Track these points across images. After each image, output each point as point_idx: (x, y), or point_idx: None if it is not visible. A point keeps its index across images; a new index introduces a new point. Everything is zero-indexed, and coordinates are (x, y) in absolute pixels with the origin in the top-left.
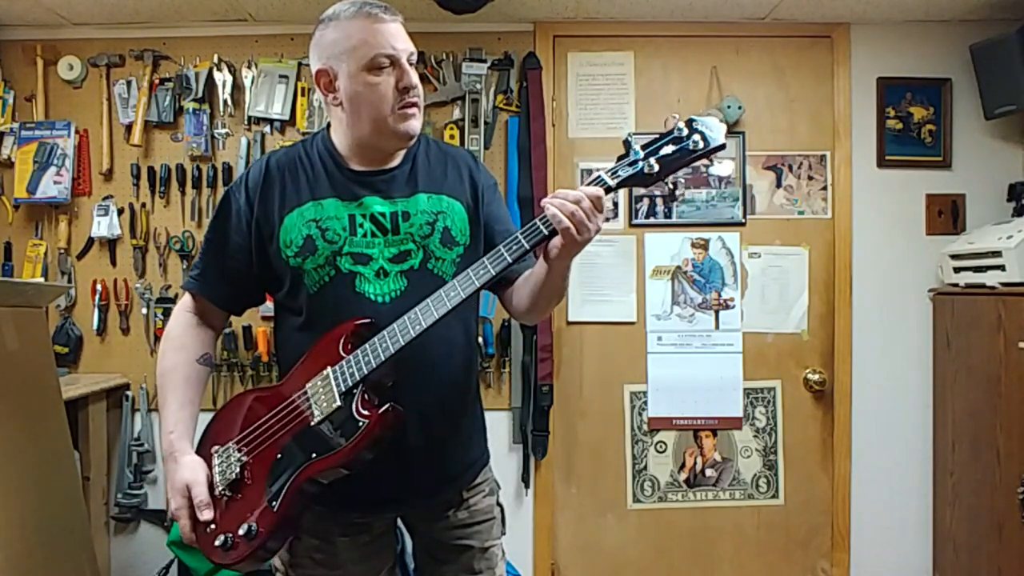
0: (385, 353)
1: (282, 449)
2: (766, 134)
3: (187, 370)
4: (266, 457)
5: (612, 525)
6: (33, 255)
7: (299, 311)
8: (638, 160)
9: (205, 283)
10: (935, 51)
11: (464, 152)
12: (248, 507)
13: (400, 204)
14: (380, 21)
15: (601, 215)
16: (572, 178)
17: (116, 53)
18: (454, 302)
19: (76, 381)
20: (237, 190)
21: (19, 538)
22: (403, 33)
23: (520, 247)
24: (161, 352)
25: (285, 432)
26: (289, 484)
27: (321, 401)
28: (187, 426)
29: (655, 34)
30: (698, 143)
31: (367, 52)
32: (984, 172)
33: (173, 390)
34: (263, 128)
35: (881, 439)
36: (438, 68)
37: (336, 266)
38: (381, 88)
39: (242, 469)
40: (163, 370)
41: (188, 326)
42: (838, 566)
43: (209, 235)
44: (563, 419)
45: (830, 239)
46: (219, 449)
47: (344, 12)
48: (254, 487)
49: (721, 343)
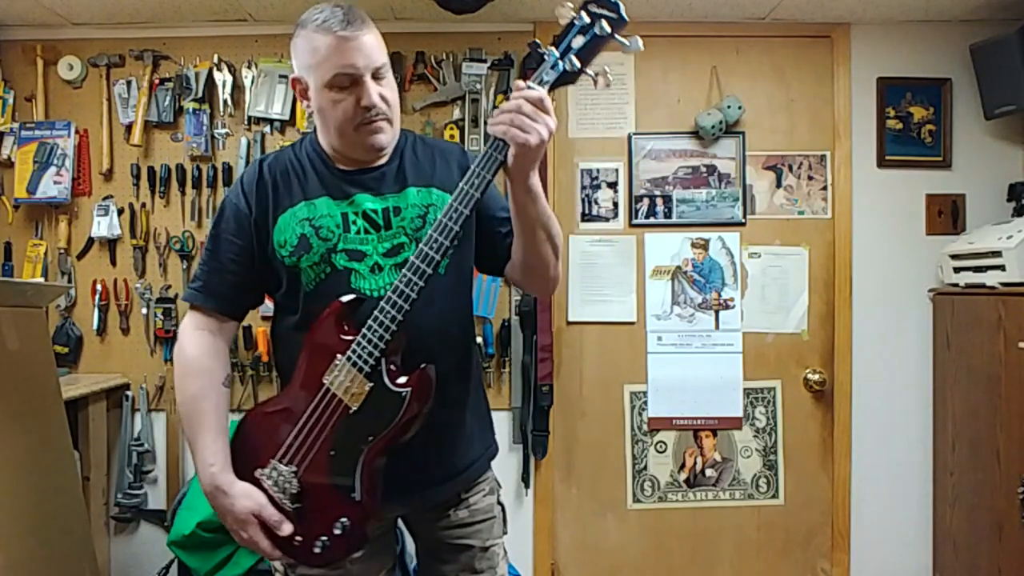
0: (395, 322)
1: (333, 446)
2: (766, 134)
3: (215, 397)
4: (318, 460)
5: (612, 525)
6: (33, 255)
7: (295, 309)
8: (558, 61)
9: (211, 293)
10: (935, 51)
11: (452, 145)
12: (328, 508)
13: (391, 200)
14: (342, 38)
15: (548, 116)
16: (572, 178)
17: (116, 53)
18: (441, 250)
19: (76, 381)
20: (234, 195)
21: (19, 538)
22: (369, 46)
23: (482, 178)
24: (180, 376)
25: (326, 431)
26: (361, 471)
27: (350, 390)
28: (225, 456)
29: (655, 34)
30: (604, 27)
31: (328, 70)
32: (984, 172)
33: (204, 420)
34: (263, 128)
35: (881, 439)
36: (438, 68)
37: (331, 263)
38: (343, 105)
39: (298, 480)
40: (188, 398)
41: (204, 346)
42: (838, 566)
43: (209, 245)
44: (563, 419)
45: (830, 239)
46: (264, 471)
47: (310, 23)
48: (321, 490)
49: (721, 343)
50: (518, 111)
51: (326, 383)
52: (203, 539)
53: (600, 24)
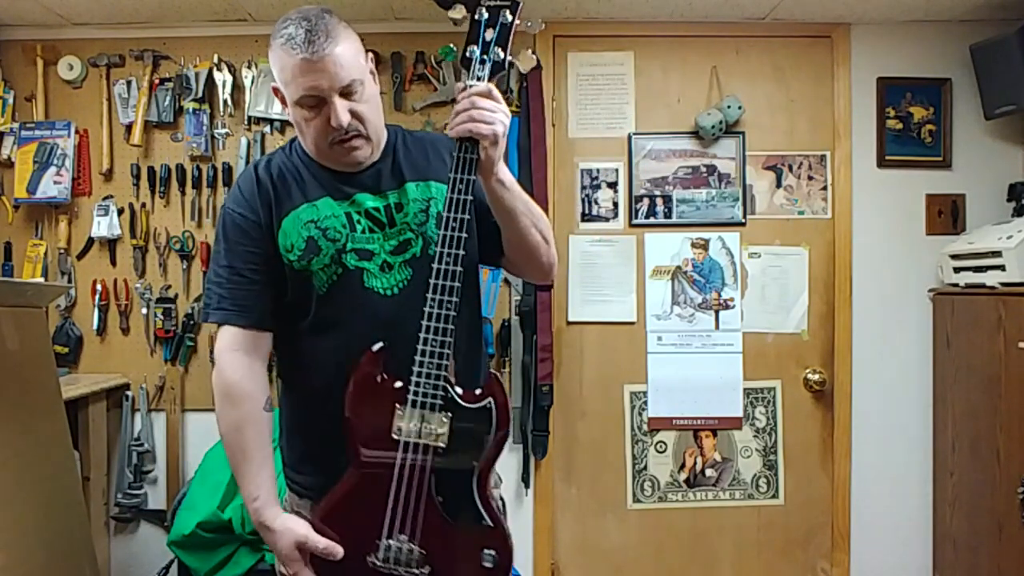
0: (446, 346)
1: (438, 492)
2: (766, 134)
3: (258, 424)
4: (430, 514)
5: (612, 525)
6: (33, 255)
7: (307, 312)
8: (487, 58)
9: (241, 309)
10: (935, 51)
11: (439, 135)
12: (465, 546)
13: (391, 197)
14: (304, 60)
15: (501, 104)
16: (572, 178)
17: (116, 53)
18: (456, 260)
19: (76, 381)
20: (235, 204)
21: (19, 538)
22: (335, 65)
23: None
24: (221, 402)
25: (425, 482)
26: (480, 500)
27: (431, 431)
28: (269, 489)
29: (655, 34)
30: (507, 16)
31: (295, 90)
32: (984, 172)
33: (247, 451)
34: (263, 128)
35: (881, 439)
36: (438, 68)
37: (343, 263)
38: (315, 123)
39: (417, 544)
40: (230, 427)
41: (243, 369)
42: (838, 566)
43: (223, 261)
44: (563, 419)
45: (830, 239)
46: (376, 557)
47: (277, 37)
48: (448, 539)
49: (721, 343)
50: (474, 107)
51: (399, 437)
52: (203, 539)
53: (503, 13)
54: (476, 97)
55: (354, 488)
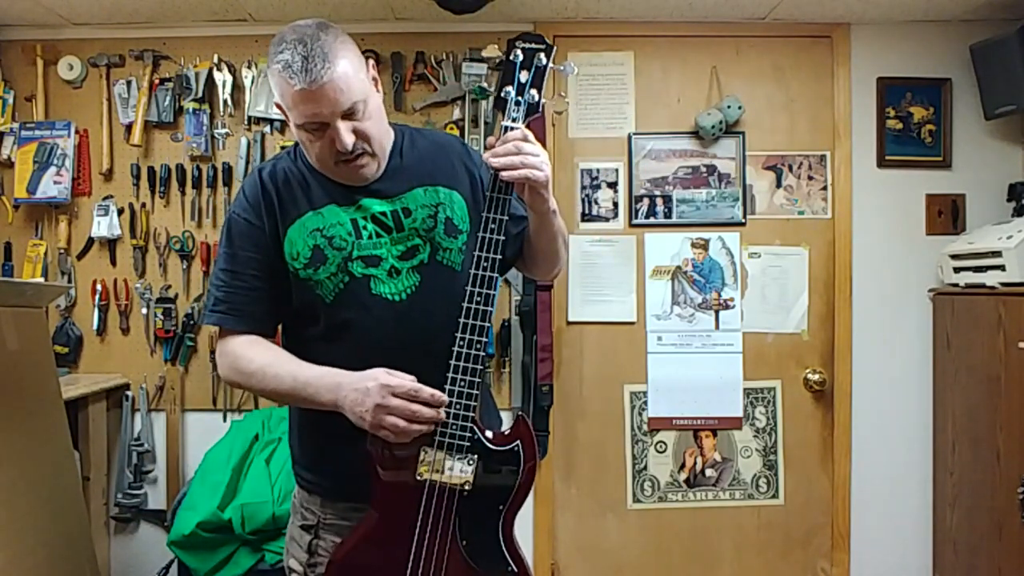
0: (474, 387)
1: (462, 536)
2: (766, 134)
3: (282, 352)
4: (454, 559)
5: (612, 525)
6: (33, 255)
7: (316, 320)
8: (521, 101)
9: (241, 314)
10: (935, 51)
11: (451, 139)
12: None
13: (398, 202)
14: (303, 91)
15: (535, 145)
16: (572, 178)
17: (116, 53)
18: (489, 301)
19: (76, 381)
20: (241, 210)
21: (19, 538)
22: (335, 91)
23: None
24: (240, 367)
25: (450, 526)
26: (505, 544)
27: (457, 474)
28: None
29: (655, 34)
30: (542, 58)
31: (297, 116)
32: (984, 172)
33: (285, 364)
34: (263, 128)
35: (881, 439)
36: (438, 68)
37: (349, 272)
38: (319, 144)
39: None
40: (257, 367)
41: (247, 343)
42: (838, 566)
43: (226, 266)
44: (563, 419)
45: (830, 239)
46: None
47: (274, 62)
48: None
49: (721, 343)
50: (521, 152)
51: (422, 479)
52: (203, 539)
53: (538, 56)
54: (520, 143)
55: (374, 529)
